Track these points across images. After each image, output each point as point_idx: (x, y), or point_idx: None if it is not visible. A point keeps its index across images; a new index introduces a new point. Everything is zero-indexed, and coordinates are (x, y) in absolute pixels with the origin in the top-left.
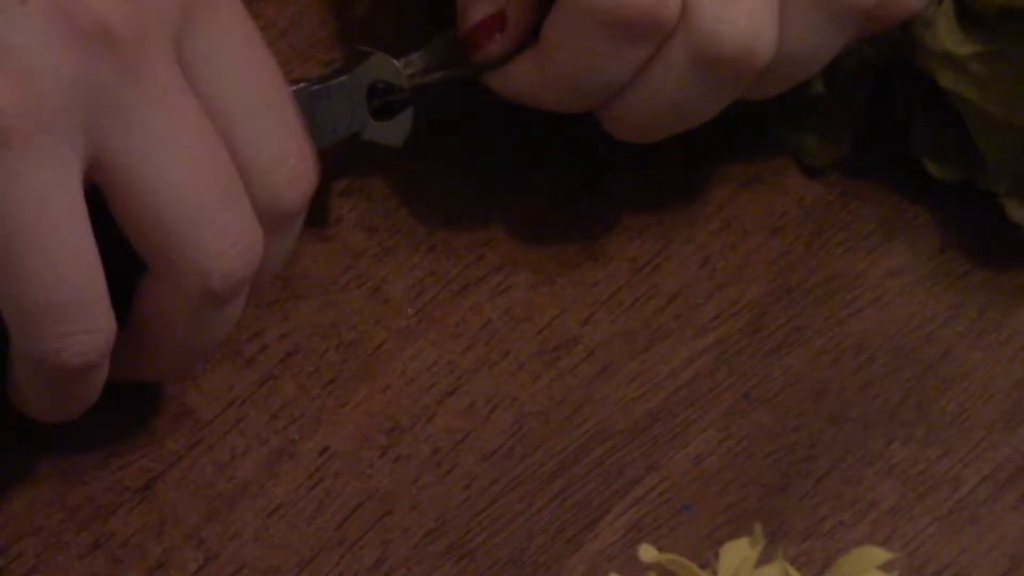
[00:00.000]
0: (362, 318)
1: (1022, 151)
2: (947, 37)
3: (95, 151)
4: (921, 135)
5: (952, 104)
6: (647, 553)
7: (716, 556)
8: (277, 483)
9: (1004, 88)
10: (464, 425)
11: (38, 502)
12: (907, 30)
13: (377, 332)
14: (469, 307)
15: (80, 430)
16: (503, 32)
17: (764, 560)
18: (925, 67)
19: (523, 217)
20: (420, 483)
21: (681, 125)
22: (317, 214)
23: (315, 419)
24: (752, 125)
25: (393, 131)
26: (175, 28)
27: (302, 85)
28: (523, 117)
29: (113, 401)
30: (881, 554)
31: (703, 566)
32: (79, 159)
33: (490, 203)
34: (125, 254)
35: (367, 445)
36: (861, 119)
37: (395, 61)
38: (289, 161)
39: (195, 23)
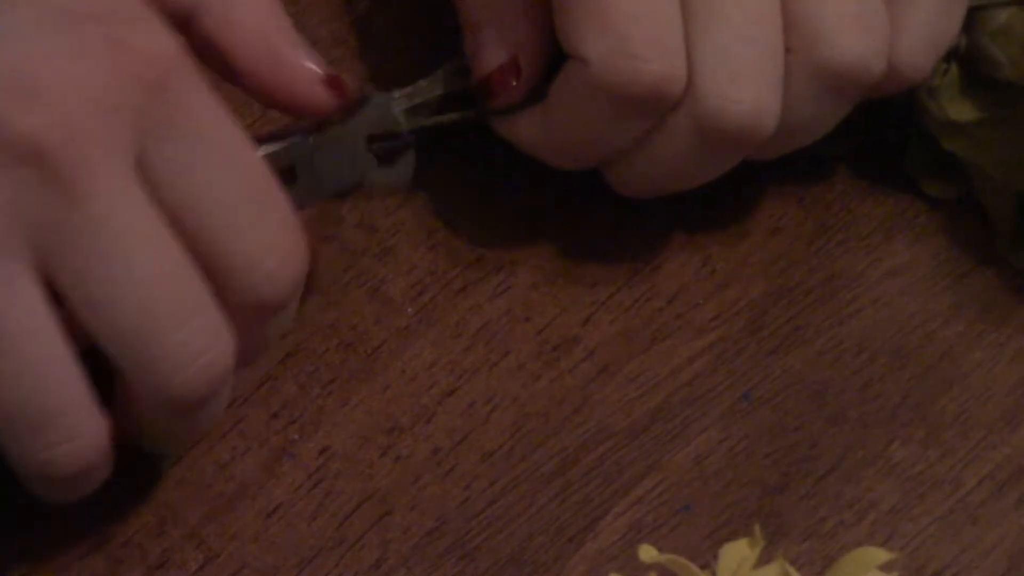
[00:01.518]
0: (362, 318)
1: (1018, 206)
2: (951, 107)
3: (45, 266)
4: (916, 154)
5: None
6: (647, 553)
7: (716, 556)
8: (277, 483)
9: (1006, 154)
10: (464, 425)
11: (38, 502)
12: (912, 95)
13: (377, 332)
14: (469, 307)
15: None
16: (519, 79)
17: (764, 560)
18: (927, 128)
19: (523, 217)
20: (420, 483)
21: (683, 186)
22: (317, 214)
23: (315, 419)
24: None
25: (397, 175)
26: (132, 139)
27: (298, 138)
28: None
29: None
30: (881, 554)
31: (703, 566)
32: (30, 272)
33: (490, 203)
34: None
35: (367, 445)
36: (866, 109)
37: (394, 108)
38: (272, 254)
39: (157, 129)
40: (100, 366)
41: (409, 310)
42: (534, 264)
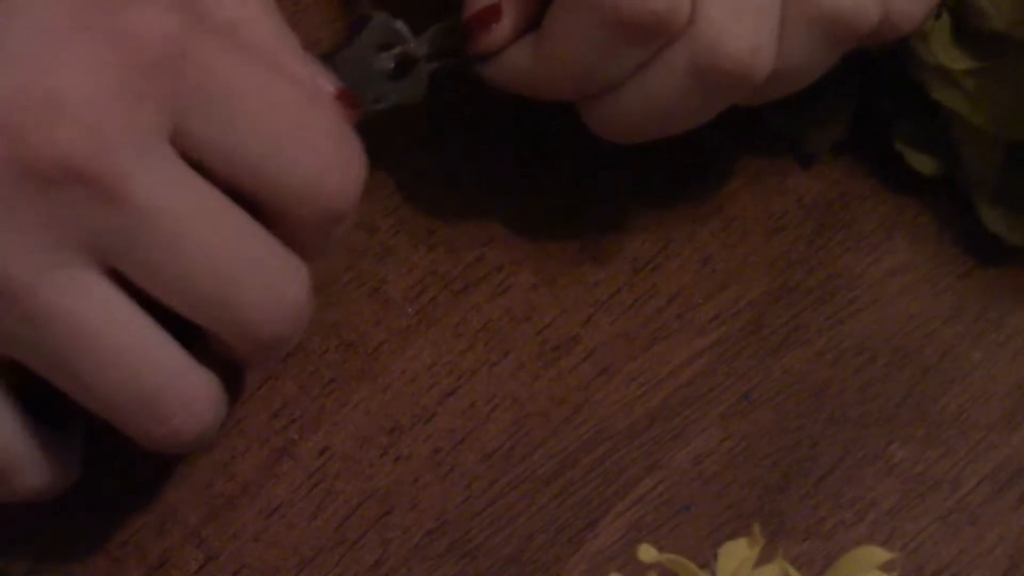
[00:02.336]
0: (362, 318)
1: (1003, 163)
2: (942, 52)
3: (112, 266)
4: (904, 126)
5: (940, 111)
6: (647, 553)
7: (716, 556)
8: (277, 483)
9: (994, 104)
10: (464, 425)
11: (38, 502)
12: (902, 40)
13: (377, 332)
14: (469, 307)
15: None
16: (498, 23)
17: (764, 560)
18: (917, 77)
19: (523, 217)
20: (420, 483)
21: (665, 130)
22: None
23: (315, 419)
24: (752, 124)
25: (410, 89)
26: (162, 122)
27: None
28: (524, 118)
29: None
30: (881, 554)
31: (703, 566)
32: (97, 270)
33: (490, 203)
34: None
35: (367, 445)
36: (854, 103)
37: (398, 23)
38: (333, 171)
39: (186, 102)
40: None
41: (409, 310)
42: (534, 264)
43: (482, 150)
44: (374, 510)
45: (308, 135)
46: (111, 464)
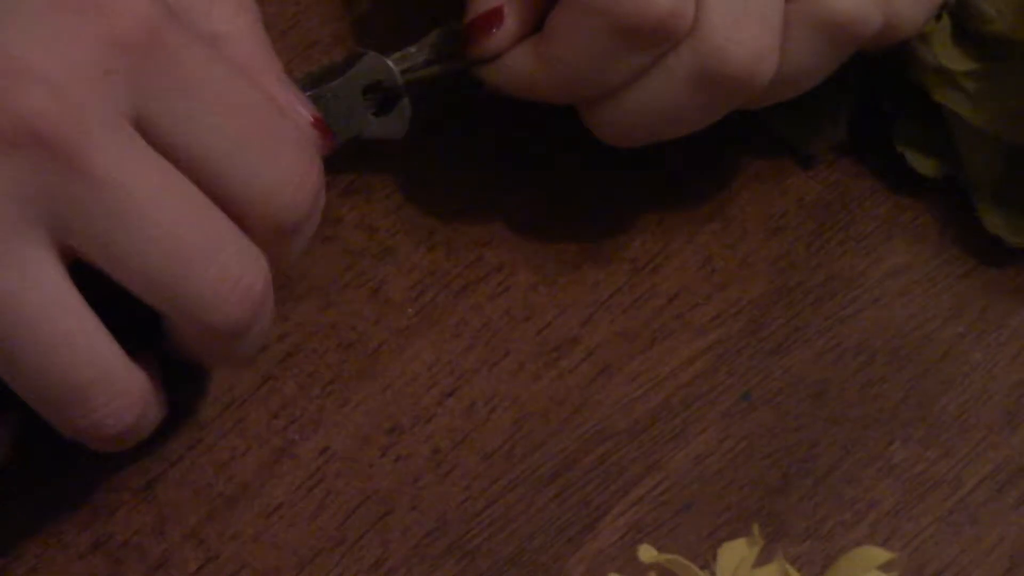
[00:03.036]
0: (362, 318)
1: (1003, 165)
2: (942, 53)
3: (63, 238)
4: (905, 127)
5: (941, 112)
6: (647, 553)
7: (716, 556)
8: (277, 483)
9: (994, 106)
10: (464, 425)
11: (38, 502)
12: (903, 42)
13: (377, 332)
14: (469, 307)
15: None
16: (500, 27)
17: (763, 560)
18: (917, 79)
19: (523, 217)
20: (420, 483)
21: (666, 134)
22: None
23: (315, 419)
24: (752, 125)
25: (393, 125)
26: (128, 101)
27: None
28: (524, 118)
29: None
30: (881, 554)
31: (703, 566)
32: (48, 247)
33: (490, 203)
34: None
35: (367, 445)
36: (852, 105)
37: (388, 60)
38: (287, 184)
39: (152, 87)
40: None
41: (409, 310)
42: (534, 264)
43: (482, 150)
44: (374, 510)
45: (269, 144)
46: (111, 464)
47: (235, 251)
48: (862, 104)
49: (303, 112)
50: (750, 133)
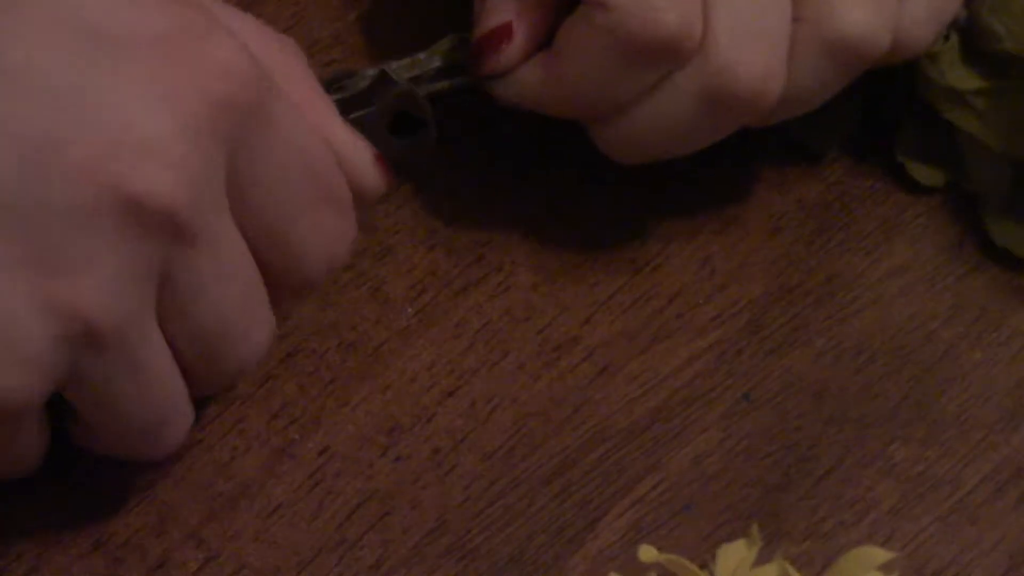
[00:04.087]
0: (362, 318)
1: (1011, 180)
2: (951, 73)
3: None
4: (908, 137)
5: (945, 124)
6: (647, 553)
7: (715, 556)
8: (277, 483)
9: (1004, 124)
10: (464, 425)
11: (38, 502)
12: (911, 65)
13: (377, 332)
14: (469, 307)
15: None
16: (509, 43)
17: (763, 560)
18: (926, 96)
19: (523, 217)
20: (420, 483)
21: (672, 152)
22: None
23: (315, 419)
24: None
25: (416, 148)
26: (225, 161)
27: None
28: (524, 118)
29: None
30: (881, 554)
31: (703, 566)
32: (155, 318)
33: (490, 203)
34: None
35: (367, 445)
36: (860, 102)
37: (417, 92)
38: (330, 249)
39: (243, 144)
40: None
41: (409, 310)
42: (534, 264)
43: (482, 150)
44: (374, 510)
45: (323, 208)
46: (110, 464)
47: (261, 315)
48: (866, 105)
49: (367, 150)
50: (751, 133)
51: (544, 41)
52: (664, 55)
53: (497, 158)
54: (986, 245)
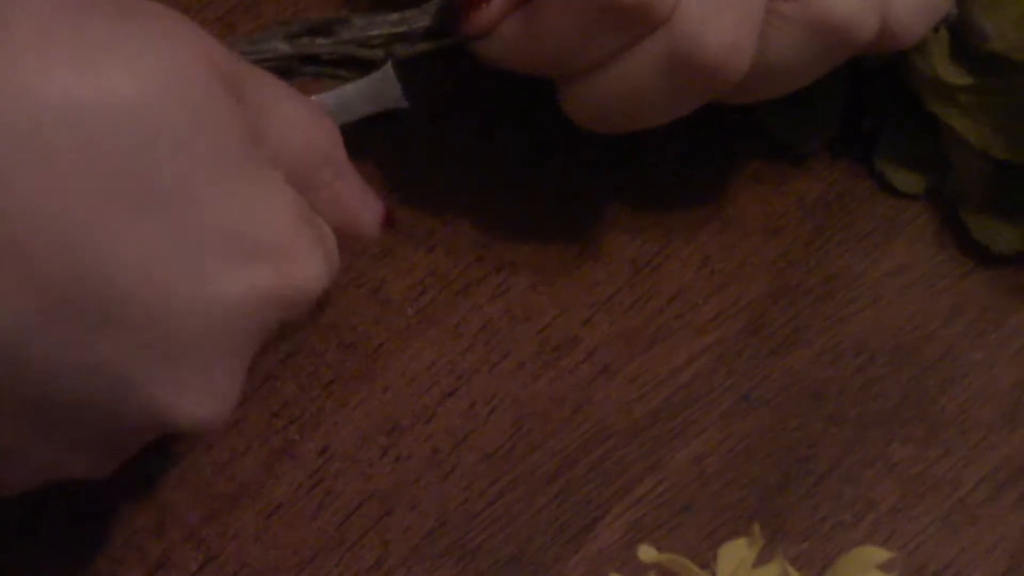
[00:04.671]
0: (362, 318)
1: (991, 176)
2: (940, 66)
3: None
4: (888, 144)
5: (929, 123)
6: (646, 553)
7: (716, 556)
8: (277, 483)
9: (987, 122)
10: (464, 425)
11: (38, 502)
12: (900, 56)
13: (377, 332)
14: (469, 307)
15: None
16: (488, 4)
17: (763, 560)
18: (912, 87)
19: (523, 217)
20: (420, 483)
21: (638, 121)
22: None
23: (315, 419)
24: (751, 125)
25: (384, 91)
26: None
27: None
28: (524, 118)
29: None
30: (881, 554)
31: (703, 566)
32: None
33: (490, 203)
34: None
35: (367, 445)
36: (842, 104)
37: (399, 85)
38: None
39: None
40: None
41: (409, 310)
42: (534, 264)
43: (482, 151)
44: (374, 510)
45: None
46: None
47: None
48: (848, 112)
49: (378, 207)
50: (749, 133)
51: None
52: (635, 18)
53: (497, 158)
54: (985, 245)
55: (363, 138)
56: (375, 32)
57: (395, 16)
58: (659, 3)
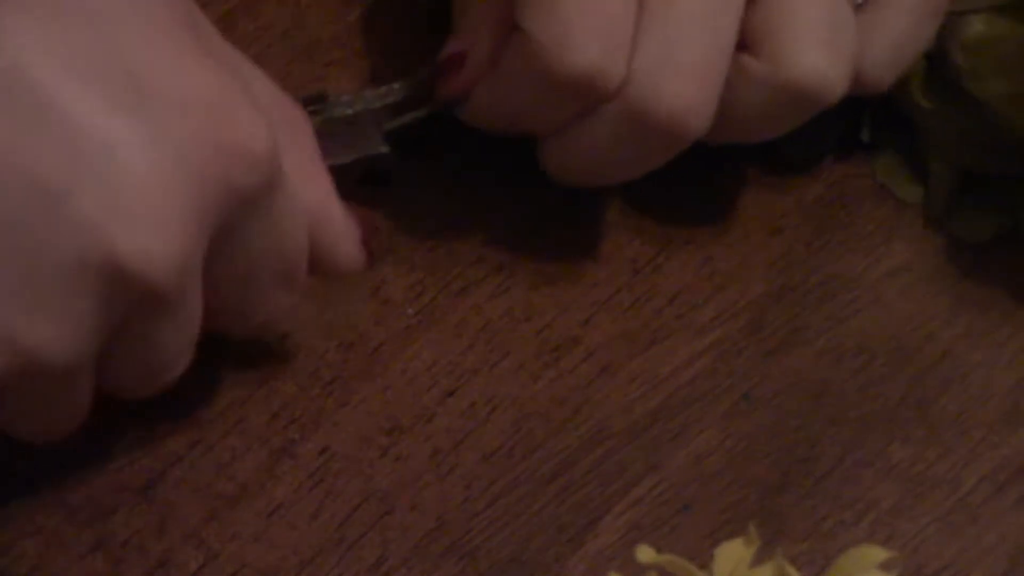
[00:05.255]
0: (362, 318)
1: (961, 178)
2: (915, 86)
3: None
4: (886, 158)
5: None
6: (645, 554)
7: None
8: (277, 483)
9: (955, 138)
10: (464, 425)
11: (38, 502)
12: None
13: (377, 332)
14: (469, 307)
15: (81, 431)
16: (459, 71)
17: (762, 560)
18: (894, 97)
19: (523, 218)
20: (420, 483)
21: (607, 177)
22: None
23: (315, 419)
24: None
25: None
26: (213, 232)
27: None
28: None
29: (113, 402)
30: (881, 554)
31: (702, 566)
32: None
33: (490, 204)
34: None
35: (367, 445)
36: (844, 116)
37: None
38: (268, 314)
39: (240, 223)
40: None
41: (409, 310)
42: (534, 264)
43: (482, 151)
44: (374, 510)
45: (278, 285)
46: (111, 464)
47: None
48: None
49: (355, 228)
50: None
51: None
52: (580, 90)
53: (497, 158)
54: (986, 245)
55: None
56: (361, 108)
57: (382, 89)
58: (602, 78)
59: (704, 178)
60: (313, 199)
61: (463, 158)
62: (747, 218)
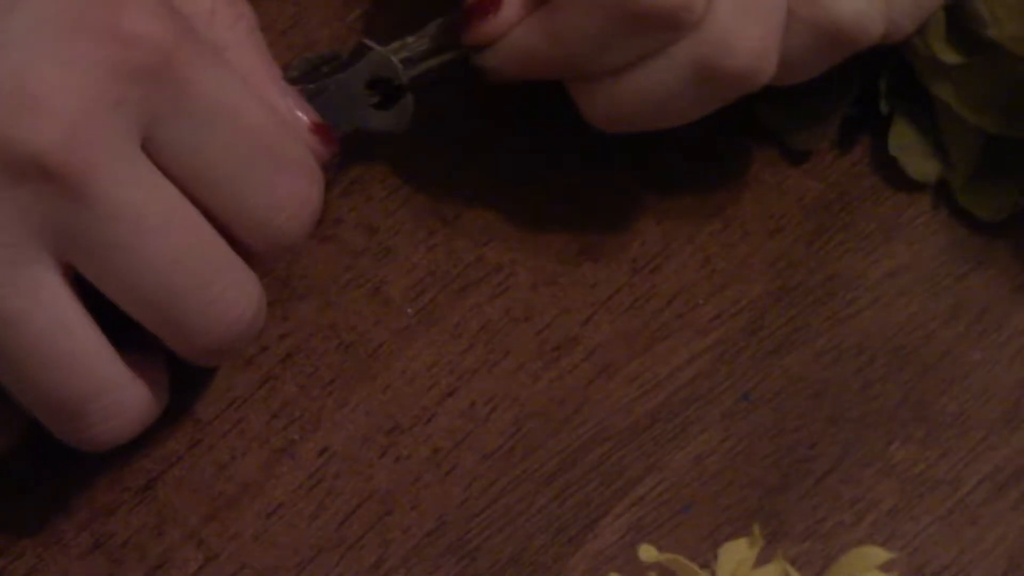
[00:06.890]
0: (362, 318)
1: (981, 149)
2: (935, 44)
3: (68, 261)
4: (900, 132)
5: (930, 101)
6: (647, 553)
7: (716, 556)
8: (277, 483)
9: (979, 97)
10: (464, 425)
11: (38, 502)
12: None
13: (377, 332)
14: (469, 307)
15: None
16: (496, 13)
17: (763, 560)
18: (912, 62)
19: (523, 217)
20: (420, 483)
21: (655, 123)
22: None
23: (315, 419)
24: (752, 125)
25: (395, 119)
26: (137, 129)
27: (299, 84)
28: (524, 118)
29: None
30: (881, 554)
31: (703, 566)
32: (55, 269)
33: (490, 204)
34: None
35: (367, 445)
36: (848, 105)
37: (392, 57)
38: (283, 210)
39: (162, 112)
40: None
41: (409, 310)
42: (534, 264)
43: (481, 151)
44: (374, 510)
45: (274, 167)
46: (111, 464)
47: (230, 281)
48: (861, 104)
49: (302, 118)
50: (750, 133)
51: (534, 7)
52: (664, 25)
53: (497, 159)
54: (986, 245)
55: (363, 139)
56: (394, 59)
57: (396, 43)
58: (689, 10)
59: (704, 178)
60: (257, 87)
61: (461, 159)
62: (747, 218)
